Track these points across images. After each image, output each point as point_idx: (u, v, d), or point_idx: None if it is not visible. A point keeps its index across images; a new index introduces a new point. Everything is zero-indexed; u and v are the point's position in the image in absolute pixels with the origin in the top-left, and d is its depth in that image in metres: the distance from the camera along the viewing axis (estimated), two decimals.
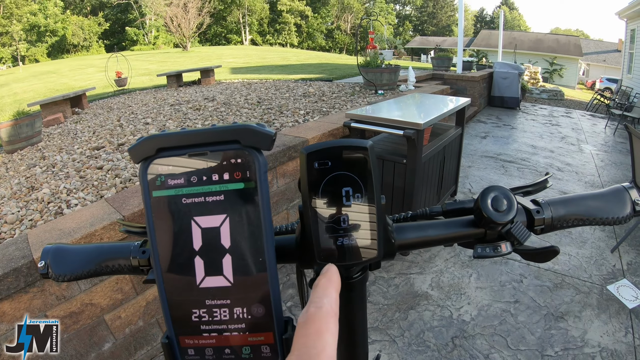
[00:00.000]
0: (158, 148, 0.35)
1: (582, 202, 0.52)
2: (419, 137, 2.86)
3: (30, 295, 1.80)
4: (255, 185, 0.34)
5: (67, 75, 17.27)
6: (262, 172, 0.35)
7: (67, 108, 6.97)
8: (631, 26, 15.30)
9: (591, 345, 2.41)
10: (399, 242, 0.49)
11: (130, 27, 48.27)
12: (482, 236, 0.49)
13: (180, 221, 0.35)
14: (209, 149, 0.35)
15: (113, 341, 2.15)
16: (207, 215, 0.35)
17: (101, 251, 0.53)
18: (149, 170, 0.35)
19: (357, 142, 0.39)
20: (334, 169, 0.39)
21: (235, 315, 0.35)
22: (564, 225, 0.52)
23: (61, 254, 0.53)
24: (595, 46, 40.63)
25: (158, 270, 0.36)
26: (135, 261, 0.51)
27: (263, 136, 0.35)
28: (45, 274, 0.52)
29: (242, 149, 0.34)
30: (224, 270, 0.35)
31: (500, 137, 7.47)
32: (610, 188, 0.53)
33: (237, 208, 0.35)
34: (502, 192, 0.47)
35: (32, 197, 2.93)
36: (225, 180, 0.34)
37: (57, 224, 2.07)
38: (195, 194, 0.35)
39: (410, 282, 3.02)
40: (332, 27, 61.33)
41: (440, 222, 0.52)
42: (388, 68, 6.77)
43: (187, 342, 0.36)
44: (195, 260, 0.35)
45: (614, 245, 3.50)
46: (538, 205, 0.51)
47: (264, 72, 12.55)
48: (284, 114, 5.11)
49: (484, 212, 0.46)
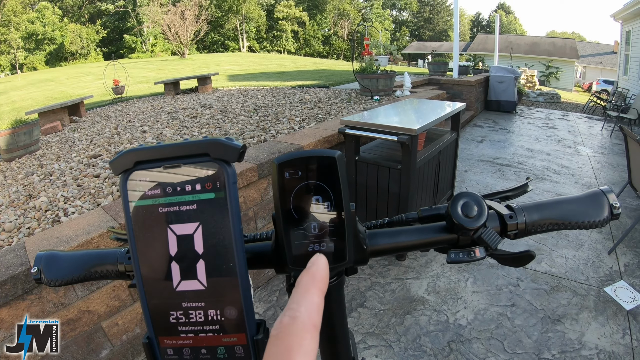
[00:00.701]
0: (136, 161, 0.37)
1: (557, 207, 0.52)
2: (413, 143, 2.87)
3: (27, 303, 1.81)
4: (225, 195, 0.36)
5: (65, 83, 17.31)
6: (231, 182, 0.37)
7: (65, 116, 6.98)
8: (626, 28, 15.37)
9: (588, 348, 2.41)
10: (371, 249, 0.50)
11: (128, 34, 48.39)
12: (455, 242, 0.50)
13: (157, 229, 0.37)
14: (182, 161, 0.37)
15: (110, 348, 2.16)
16: (182, 223, 0.37)
17: (90, 257, 0.56)
18: (128, 181, 0.37)
19: (325, 152, 0.41)
20: (304, 178, 0.41)
21: (210, 317, 0.37)
22: (538, 230, 0.52)
23: (53, 260, 0.56)
24: (591, 48, 40.79)
25: (138, 275, 0.37)
26: (121, 267, 0.54)
27: (231, 149, 0.37)
28: (38, 279, 0.55)
29: (212, 162, 0.37)
30: (198, 275, 0.37)
31: (497, 141, 7.50)
32: (588, 192, 0.53)
33: (209, 216, 0.36)
34: (473, 198, 0.48)
35: (30, 205, 2.95)
36: (198, 191, 0.36)
37: (55, 232, 2.08)
38: (170, 204, 0.37)
39: (407, 287, 3.02)
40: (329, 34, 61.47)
41: (413, 228, 0.53)
42: (384, 74, 6.80)
43: (166, 342, 0.38)
44: (172, 265, 0.37)
45: (611, 247, 3.51)
46: (511, 210, 0.52)
47: (261, 79, 12.58)
48: (280, 120, 5.13)
49: (454, 219, 0.47)
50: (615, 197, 0.52)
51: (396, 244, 0.52)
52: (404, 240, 0.52)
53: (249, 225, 2.95)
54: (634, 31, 14.35)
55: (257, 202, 2.96)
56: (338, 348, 0.58)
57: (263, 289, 3.02)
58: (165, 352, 0.38)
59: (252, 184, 2.87)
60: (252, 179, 2.83)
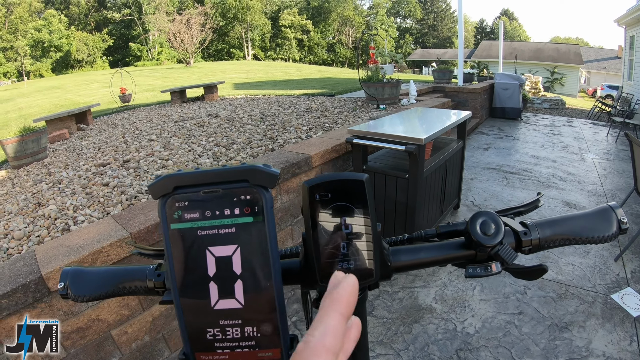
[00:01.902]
0: (175, 186, 0.39)
1: (568, 223, 0.55)
2: (420, 152, 2.89)
3: (38, 311, 1.82)
4: (263, 219, 0.38)
5: (72, 90, 17.41)
6: (269, 207, 0.39)
7: (72, 124, 7.03)
8: (630, 33, 15.37)
9: (596, 355, 2.41)
10: (394, 265, 0.53)
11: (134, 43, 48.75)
12: (473, 257, 0.53)
13: (195, 250, 0.39)
14: (221, 187, 0.39)
15: (120, 356, 2.16)
16: (220, 245, 0.39)
17: (118, 274, 0.58)
18: (167, 205, 0.39)
19: (354, 175, 0.44)
20: (334, 200, 0.44)
21: (246, 333, 0.39)
22: (550, 245, 0.55)
23: (80, 276, 0.58)
24: (595, 54, 40.71)
25: (176, 294, 0.39)
26: (151, 283, 0.56)
27: (269, 176, 0.39)
28: (64, 295, 0.57)
29: (250, 187, 0.39)
30: (235, 294, 0.39)
31: (503, 149, 7.50)
32: (596, 208, 0.56)
33: (247, 239, 0.39)
34: (491, 217, 0.51)
35: (39, 213, 2.96)
36: (236, 215, 0.39)
37: (65, 241, 2.09)
38: (209, 227, 0.39)
39: (415, 295, 3.03)
40: (334, 41, 61.69)
41: (433, 245, 0.56)
42: (389, 82, 6.81)
43: (202, 357, 0.40)
44: (210, 285, 0.39)
45: (617, 254, 3.50)
46: (526, 227, 0.55)
47: (266, 88, 12.62)
48: (287, 129, 5.14)
49: (473, 236, 0.51)
50: (622, 212, 0.55)
51: (418, 260, 0.55)
52: (425, 256, 0.55)
53: None
54: (637, 36, 14.35)
55: None
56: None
57: None
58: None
59: None
60: None
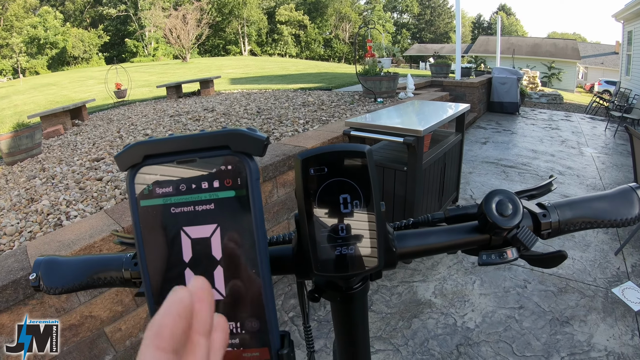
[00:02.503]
0: (145, 155, 0.34)
1: (589, 205, 0.50)
2: (419, 144, 2.85)
3: (29, 308, 1.78)
4: (247, 193, 0.33)
5: (68, 87, 17.33)
6: (254, 179, 0.33)
7: (67, 120, 6.98)
8: (628, 28, 15.34)
9: (597, 350, 2.38)
10: (400, 251, 0.47)
11: (129, 39, 48.52)
12: (487, 242, 0.47)
13: (169, 232, 0.33)
14: (198, 155, 0.33)
15: (113, 354, 2.13)
16: (197, 225, 0.33)
17: (93, 263, 0.52)
18: (136, 178, 0.34)
19: (354, 146, 0.38)
20: (331, 175, 0.38)
21: (229, 329, 0.33)
22: (571, 228, 0.50)
23: (53, 266, 0.52)
24: (592, 49, 40.79)
25: (147, 283, 0.34)
26: (127, 273, 0.50)
27: (254, 141, 0.33)
28: (36, 286, 0.51)
29: (232, 155, 0.33)
30: (215, 283, 0.33)
31: (501, 143, 7.47)
32: (617, 189, 0.51)
33: (228, 217, 0.33)
34: (507, 195, 0.45)
35: (32, 209, 2.92)
36: (215, 188, 0.33)
37: (56, 236, 2.06)
38: (184, 203, 0.33)
39: (414, 290, 2.99)
40: (331, 37, 61.56)
41: (442, 228, 0.50)
42: (387, 76, 6.78)
43: None
44: (186, 272, 0.33)
45: (617, 248, 3.47)
46: (544, 209, 0.49)
47: (263, 82, 12.58)
48: (284, 123, 5.11)
49: (489, 217, 0.44)
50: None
51: (426, 245, 0.49)
52: (434, 241, 0.49)
53: None
54: (635, 31, 14.32)
55: None
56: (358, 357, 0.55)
57: None
58: None
59: None
60: None
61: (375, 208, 0.38)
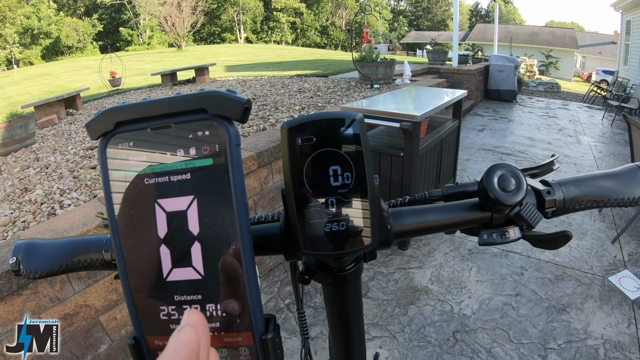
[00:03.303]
0: (117, 122, 0.31)
1: (595, 182, 0.47)
2: (415, 130, 2.82)
3: (23, 298, 1.77)
4: (226, 161, 0.30)
5: (62, 77, 17.20)
6: (234, 145, 0.30)
7: (61, 109, 6.93)
8: (627, 17, 15.27)
9: (594, 337, 2.38)
10: (395, 229, 0.44)
11: (124, 27, 48.11)
12: (488, 221, 0.45)
13: (142, 205, 0.31)
14: (173, 120, 0.30)
15: (109, 343, 2.12)
16: (172, 197, 0.30)
17: (73, 245, 0.49)
18: (107, 147, 0.31)
19: (345, 114, 0.35)
20: (320, 146, 0.35)
21: (208, 312, 0.31)
22: (576, 207, 0.47)
23: (33, 249, 0.49)
24: (590, 38, 40.64)
25: (120, 262, 0.31)
26: (107, 255, 0.47)
27: (233, 103, 0.30)
28: (16, 271, 0.49)
29: (209, 119, 0.30)
30: (193, 261, 0.30)
31: (498, 130, 7.45)
32: (623, 167, 0.48)
33: (206, 188, 0.30)
34: (510, 170, 0.42)
35: (26, 199, 2.90)
36: (192, 156, 0.30)
37: (50, 225, 2.04)
38: (158, 174, 0.30)
39: (410, 276, 2.99)
40: (327, 24, 61.19)
41: (441, 205, 0.47)
42: (383, 62, 6.75)
43: (157, 343, 0.32)
44: (161, 249, 0.31)
45: (614, 236, 3.47)
46: (548, 186, 0.47)
47: (259, 70, 12.52)
48: (279, 109, 5.08)
49: (491, 193, 0.41)
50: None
51: (423, 224, 0.46)
52: (432, 219, 0.46)
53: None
54: (634, 21, 14.25)
55: (257, 192, 2.92)
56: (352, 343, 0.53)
57: (264, 280, 2.98)
58: (155, 354, 0.32)
59: (251, 173, 2.83)
60: (251, 167, 2.78)
61: (369, 181, 0.36)
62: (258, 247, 0.45)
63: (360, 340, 0.54)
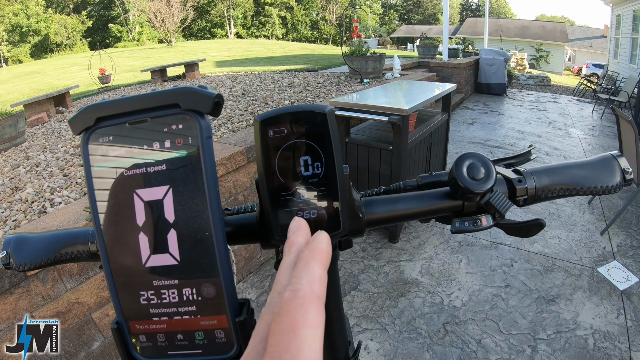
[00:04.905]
0: (97, 117, 0.33)
1: (567, 171, 0.49)
2: (404, 123, 2.84)
3: (15, 297, 1.76)
4: (198, 152, 0.32)
5: (51, 74, 17.04)
6: (205, 137, 0.32)
7: (50, 107, 6.87)
8: (617, 12, 15.33)
9: (583, 328, 2.42)
10: (368, 217, 0.46)
11: (113, 24, 47.68)
12: (460, 209, 0.46)
13: (122, 195, 0.32)
14: (149, 115, 0.32)
15: (102, 340, 2.12)
16: (149, 187, 0.32)
17: (60, 238, 0.51)
18: (89, 142, 0.33)
19: (314, 107, 0.36)
20: (291, 137, 0.36)
21: (185, 296, 0.33)
22: (548, 195, 0.49)
23: (22, 242, 0.51)
24: (581, 32, 40.85)
25: (102, 249, 0.33)
26: (93, 246, 0.49)
27: (204, 97, 0.32)
28: (7, 264, 0.51)
29: (182, 113, 0.32)
30: (169, 247, 0.32)
31: (488, 123, 7.49)
32: (597, 156, 0.50)
33: (180, 178, 0.32)
34: (479, 159, 0.44)
35: (16, 198, 2.89)
36: (167, 148, 0.32)
37: (41, 223, 2.04)
38: (136, 165, 0.32)
39: (400, 269, 3.01)
40: (317, 19, 60.99)
41: (413, 194, 0.49)
42: (373, 56, 6.76)
43: (138, 327, 0.34)
44: (140, 236, 0.32)
45: (603, 228, 3.51)
46: (520, 175, 0.48)
47: (249, 65, 12.47)
48: (269, 104, 5.08)
49: (460, 182, 0.43)
50: (626, 161, 0.48)
51: (395, 212, 0.47)
52: (404, 208, 0.47)
53: None
54: (624, 15, 14.31)
55: (246, 187, 2.93)
56: (333, 331, 0.54)
57: (255, 275, 2.99)
58: (137, 338, 0.34)
59: (241, 168, 2.83)
60: (241, 162, 2.79)
61: (338, 170, 0.37)
62: (236, 236, 0.46)
63: (341, 326, 0.55)
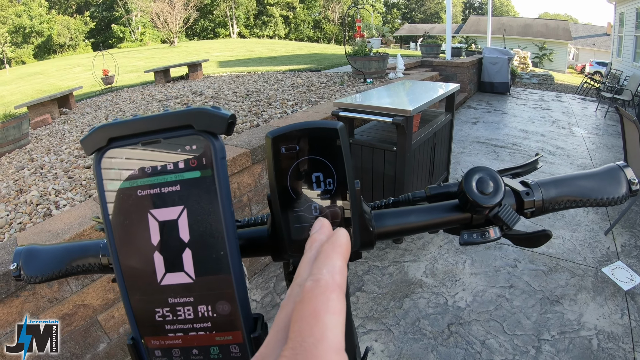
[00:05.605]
0: (110, 138, 0.33)
1: (574, 183, 0.49)
2: (408, 124, 2.84)
3: (21, 299, 1.78)
4: (212, 173, 0.32)
5: (55, 75, 17.08)
6: (219, 158, 0.33)
7: (54, 109, 6.89)
8: (620, 9, 15.26)
9: (587, 328, 2.41)
10: (378, 231, 0.46)
11: (116, 24, 47.75)
12: (468, 221, 0.47)
13: (136, 215, 0.33)
14: (162, 135, 0.33)
15: (108, 342, 2.13)
16: (164, 207, 0.33)
17: (71, 250, 0.51)
18: (102, 162, 0.33)
19: (326, 123, 0.37)
20: (303, 154, 0.37)
21: (200, 313, 0.33)
22: (555, 207, 0.49)
23: (33, 254, 0.52)
24: (584, 30, 40.66)
25: (117, 268, 0.34)
26: (104, 259, 0.50)
27: (218, 119, 0.33)
28: (17, 277, 0.51)
29: (196, 134, 0.33)
30: (184, 266, 0.33)
31: (491, 123, 7.47)
32: (603, 167, 0.50)
33: (195, 198, 0.32)
34: (488, 173, 0.44)
35: (21, 200, 2.90)
36: (181, 169, 0.32)
37: (46, 226, 2.05)
38: (150, 185, 0.33)
39: (405, 270, 3.01)
40: (320, 18, 60.92)
41: (422, 207, 0.49)
42: (376, 56, 6.75)
43: (154, 342, 0.34)
44: (155, 256, 0.33)
45: (607, 228, 3.50)
46: (527, 187, 0.48)
47: (252, 65, 12.48)
48: (273, 105, 5.08)
49: (469, 196, 0.43)
50: (632, 172, 0.48)
51: (405, 225, 0.48)
52: (414, 220, 0.48)
53: (243, 211, 2.92)
54: (627, 12, 14.24)
55: (251, 188, 2.93)
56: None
57: (260, 276, 3.00)
58: (152, 353, 0.35)
59: (245, 170, 2.84)
60: (245, 164, 2.79)
61: (349, 186, 0.37)
62: (247, 249, 0.47)
63: (350, 336, 0.56)
